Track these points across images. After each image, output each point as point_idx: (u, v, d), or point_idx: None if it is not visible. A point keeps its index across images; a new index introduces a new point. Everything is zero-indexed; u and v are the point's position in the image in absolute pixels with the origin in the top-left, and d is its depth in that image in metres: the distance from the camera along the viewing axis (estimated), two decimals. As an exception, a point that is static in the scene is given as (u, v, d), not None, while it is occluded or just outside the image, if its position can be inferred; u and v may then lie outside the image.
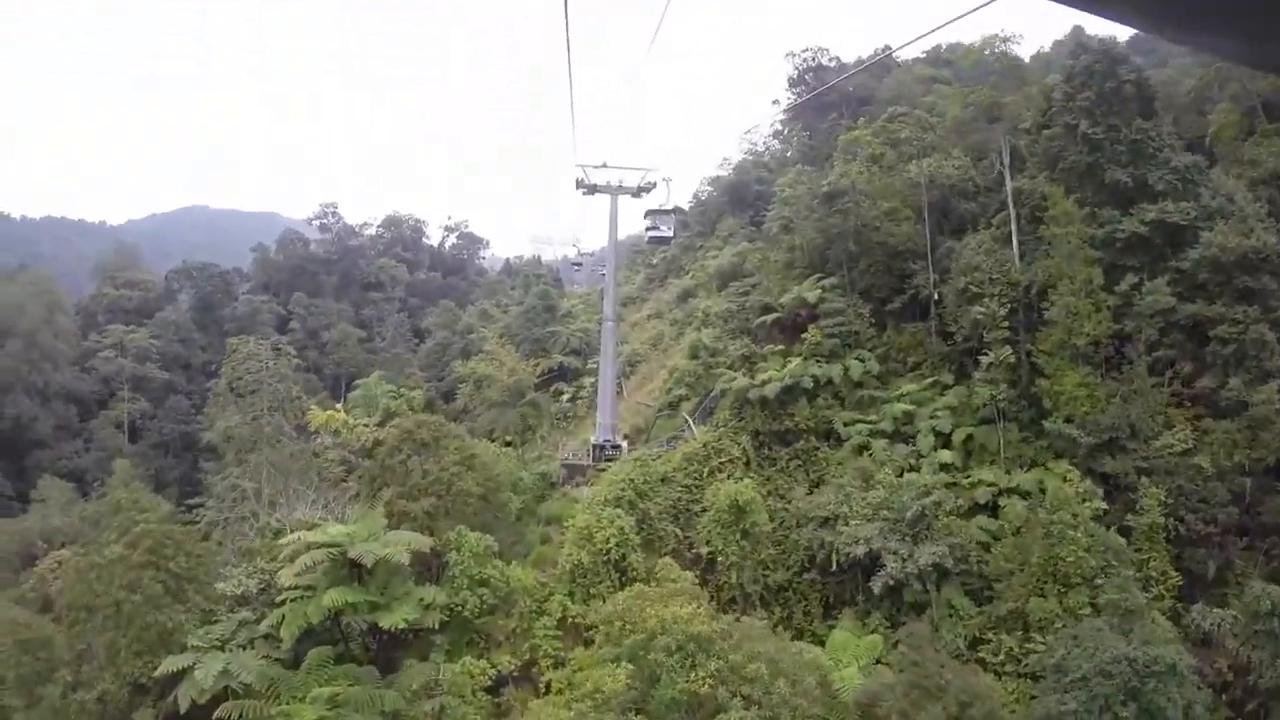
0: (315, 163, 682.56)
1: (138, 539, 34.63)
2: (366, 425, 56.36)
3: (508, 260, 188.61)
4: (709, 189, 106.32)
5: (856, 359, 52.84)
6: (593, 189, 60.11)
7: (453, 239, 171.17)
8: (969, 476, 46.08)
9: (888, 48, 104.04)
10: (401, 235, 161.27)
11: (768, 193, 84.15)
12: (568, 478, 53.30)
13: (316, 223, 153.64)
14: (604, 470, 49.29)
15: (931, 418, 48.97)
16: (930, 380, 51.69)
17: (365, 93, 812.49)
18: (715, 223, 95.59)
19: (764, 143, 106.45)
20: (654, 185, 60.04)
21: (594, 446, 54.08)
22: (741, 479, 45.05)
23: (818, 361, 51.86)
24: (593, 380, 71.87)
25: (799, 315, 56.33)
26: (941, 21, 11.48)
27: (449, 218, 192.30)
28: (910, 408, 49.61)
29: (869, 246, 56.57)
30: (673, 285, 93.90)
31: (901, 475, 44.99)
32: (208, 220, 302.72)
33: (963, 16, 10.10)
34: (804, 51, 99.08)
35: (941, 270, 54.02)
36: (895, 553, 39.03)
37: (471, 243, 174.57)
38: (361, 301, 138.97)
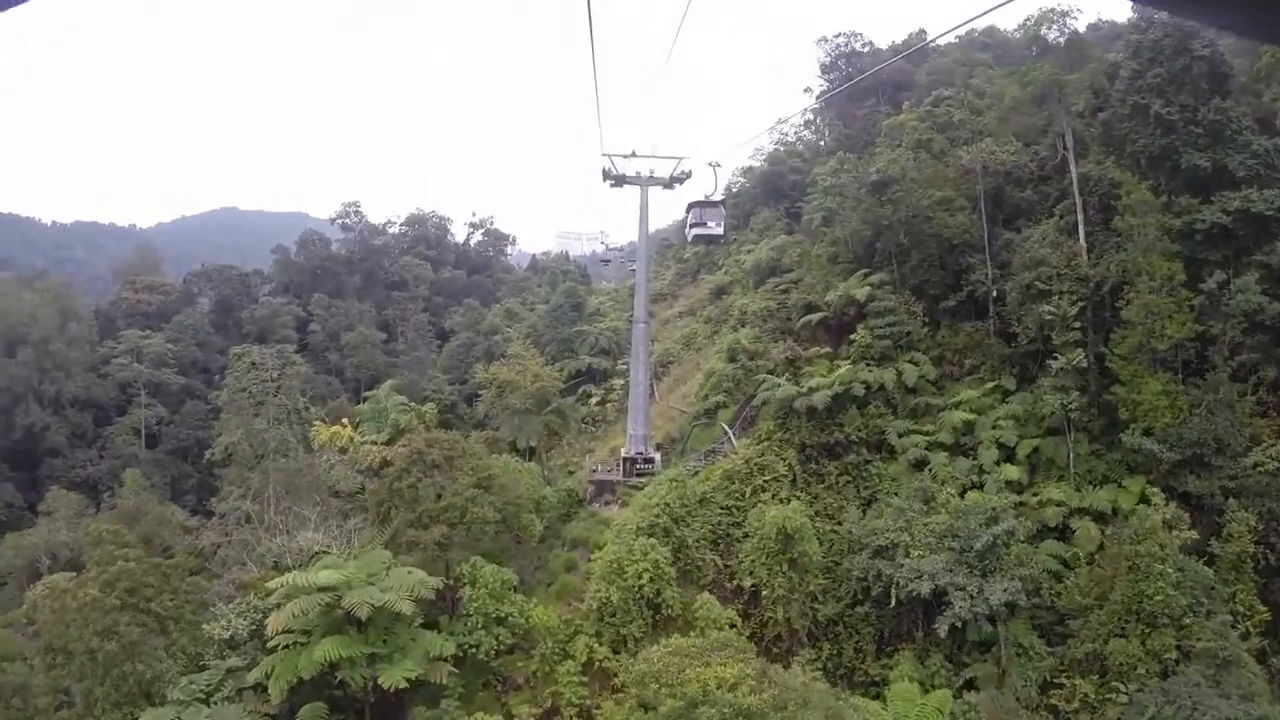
0: (343, 162, 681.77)
1: (115, 578, 31.08)
2: (375, 442, 52.46)
3: (534, 257, 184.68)
4: (741, 180, 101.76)
5: (910, 362, 48.45)
6: (621, 180, 55.39)
7: (478, 236, 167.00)
8: (1037, 494, 41.80)
9: (923, 32, 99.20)
10: (425, 233, 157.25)
11: (803, 183, 79.76)
12: (596, 494, 49.00)
13: (339, 222, 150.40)
14: (635, 487, 45.19)
15: (994, 428, 44.63)
16: (991, 385, 47.32)
17: (386, 86, 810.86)
18: (749, 215, 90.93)
19: (795, 132, 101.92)
20: (688, 174, 55.19)
21: (625, 459, 49.86)
22: (787, 499, 40.80)
23: (868, 365, 47.49)
24: (622, 382, 67.87)
25: (846, 314, 52.04)
26: (987, 7, 10.42)
27: (474, 214, 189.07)
28: (970, 416, 45.28)
29: (921, 239, 51.97)
30: (705, 281, 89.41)
31: (964, 494, 40.72)
32: (236, 222, 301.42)
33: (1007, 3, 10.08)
34: (836, 37, 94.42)
35: (999, 264, 49.62)
36: (963, 589, 34.45)
37: (497, 239, 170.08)
38: (385, 302, 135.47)
